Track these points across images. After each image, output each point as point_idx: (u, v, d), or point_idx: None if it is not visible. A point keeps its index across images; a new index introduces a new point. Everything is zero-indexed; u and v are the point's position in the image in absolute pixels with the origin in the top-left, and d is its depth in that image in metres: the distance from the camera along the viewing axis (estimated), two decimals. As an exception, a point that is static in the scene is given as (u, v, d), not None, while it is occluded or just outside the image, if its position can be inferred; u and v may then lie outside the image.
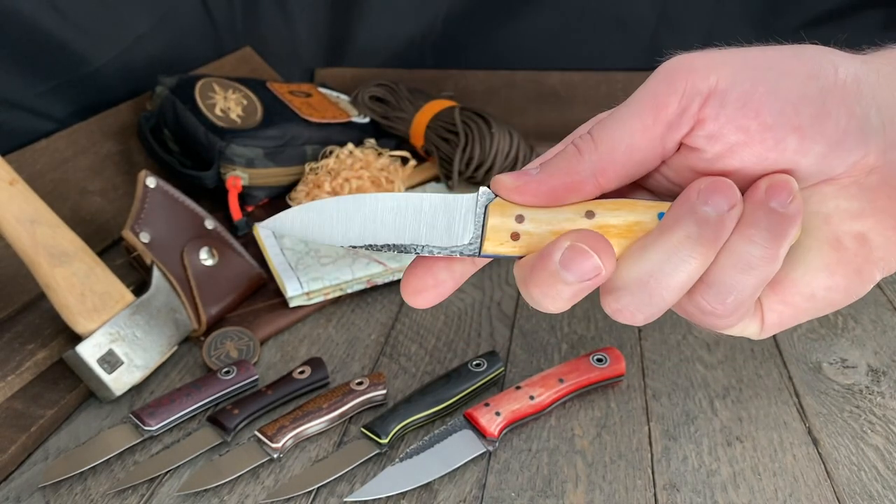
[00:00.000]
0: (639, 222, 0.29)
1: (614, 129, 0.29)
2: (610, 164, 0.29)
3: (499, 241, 0.30)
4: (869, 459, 0.51)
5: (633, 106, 0.29)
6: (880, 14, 1.01)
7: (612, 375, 0.58)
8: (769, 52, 0.28)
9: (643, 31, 1.07)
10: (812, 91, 0.27)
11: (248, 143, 0.82)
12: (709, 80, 0.27)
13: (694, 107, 0.27)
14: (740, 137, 0.27)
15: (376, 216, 0.30)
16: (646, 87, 0.29)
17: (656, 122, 0.28)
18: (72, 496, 0.50)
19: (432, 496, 0.49)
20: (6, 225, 0.56)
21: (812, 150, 0.27)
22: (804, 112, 0.27)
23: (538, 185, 0.29)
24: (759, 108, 0.27)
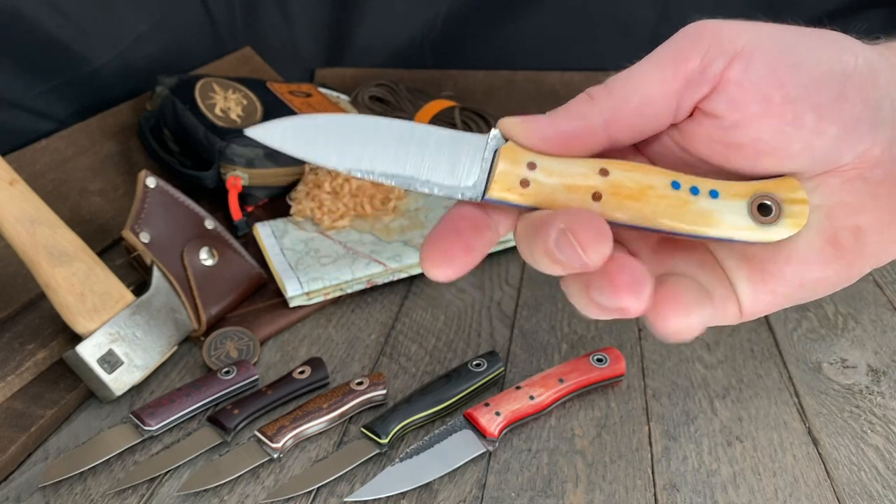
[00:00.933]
0: (652, 186, 0.28)
1: (630, 78, 0.28)
2: (621, 114, 0.28)
3: (506, 187, 0.28)
4: (869, 459, 0.51)
5: (653, 58, 0.28)
6: (880, 14, 1.01)
7: (612, 375, 0.58)
8: (796, 30, 0.28)
9: (643, 31, 1.07)
10: (834, 72, 0.27)
11: (248, 143, 0.82)
12: (736, 42, 0.27)
13: (718, 66, 0.27)
14: (761, 107, 0.27)
15: (378, 141, 0.28)
16: (669, 42, 0.28)
17: (676, 75, 0.27)
18: (72, 496, 0.50)
19: (432, 496, 0.49)
20: (6, 225, 0.56)
21: (827, 130, 0.27)
22: (825, 91, 0.27)
23: (546, 128, 0.28)
24: (785, 79, 0.27)
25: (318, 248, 0.75)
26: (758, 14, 0.98)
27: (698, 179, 0.29)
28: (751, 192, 0.29)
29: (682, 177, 0.29)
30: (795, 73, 0.27)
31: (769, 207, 0.29)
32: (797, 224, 0.29)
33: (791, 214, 0.29)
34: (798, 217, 0.29)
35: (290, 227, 0.79)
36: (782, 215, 0.29)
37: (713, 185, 0.29)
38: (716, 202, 0.29)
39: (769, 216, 0.29)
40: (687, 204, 0.28)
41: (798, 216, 0.29)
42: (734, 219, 0.29)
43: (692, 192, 0.29)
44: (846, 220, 0.29)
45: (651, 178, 0.28)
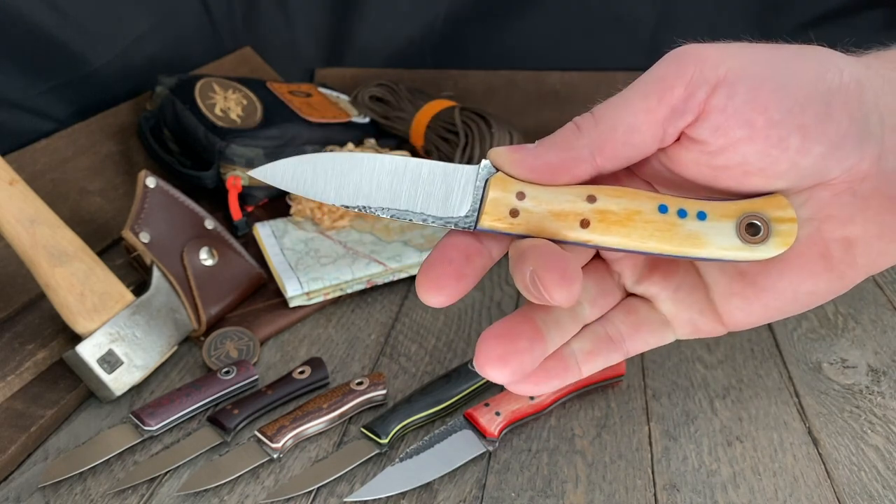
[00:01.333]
0: (639, 212, 0.29)
1: (616, 108, 0.28)
2: (608, 143, 0.28)
3: (497, 217, 0.29)
4: (869, 459, 0.51)
5: (638, 87, 0.28)
6: (880, 14, 1.01)
7: (612, 375, 0.58)
8: (778, 50, 0.28)
9: (643, 31, 1.07)
10: (818, 92, 0.27)
11: (248, 143, 0.82)
12: (719, 69, 0.27)
13: (701, 94, 0.27)
14: (745, 132, 0.27)
15: (373, 177, 0.29)
16: (653, 70, 0.28)
17: (660, 104, 0.28)
18: (72, 496, 0.50)
19: (432, 496, 0.49)
20: (6, 225, 0.56)
21: (812, 150, 0.28)
22: (809, 111, 0.27)
23: (534, 159, 0.29)
24: (768, 103, 0.27)
25: (318, 248, 0.75)
26: (758, 14, 0.97)
27: (686, 201, 0.29)
28: (739, 212, 0.29)
29: (670, 199, 0.29)
30: (778, 97, 0.27)
31: (758, 227, 0.29)
32: (785, 243, 0.29)
33: (779, 233, 0.29)
34: (786, 236, 0.29)
35: (290, 227, 0.79)
36: (771, 234, 0.29)
37: (701, 207, 0.29)
38: (704, 224, 0.29)
39: (757, 236, 0.29)
40: (675, 227, 0.29)
41: (786, 235, 0.29)
42: (722, 240, 0.29)
43: (680, 216, 0.29)
44: (836, 233, 0.30)
45: (638, 204, 0.29)
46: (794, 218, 0.29)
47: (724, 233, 0.29)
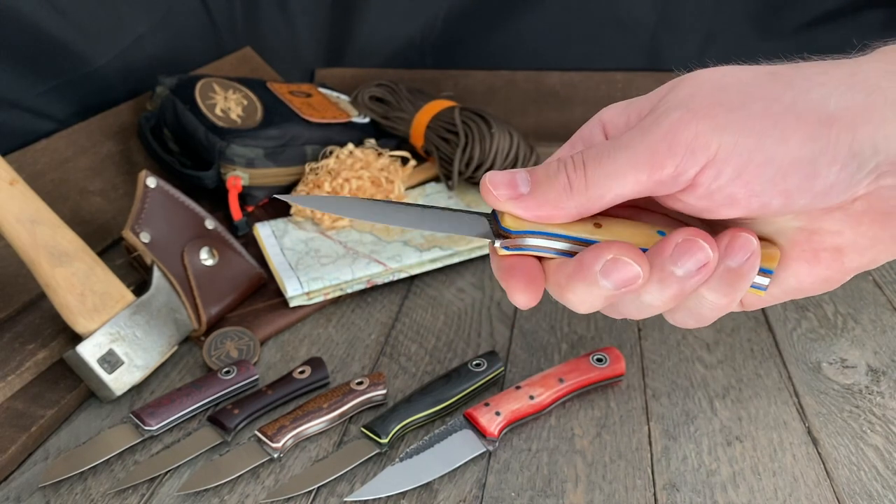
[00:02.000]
0: (641, 236, 0.31)
1: (607, 173, 0.29)
2: (596, 205, 0.30)
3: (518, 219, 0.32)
4: (868, 459, 0.51)
5: (629, 152, 0.29)
6: (880, 14, 1.01)
7: (612, 375, 0.58)
8: (774, 107, 0.28)
9: (643, 31, 1.07)
10: (806, 154, 0.28)
11: (249, 144, 0.82)
12: (710, 148, 0.28)
13: (689, 174, 0.29)
14: (728, 203, 0.29)
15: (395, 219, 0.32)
16: (646, 136, 0.29)
17: (650, 179, 0.29)
18: (72, 496, 0.50)
19: (432, 496, 0.49)
20: (6, 225, 0.56)
21: (796, 204, 0.29)
22: (793, 178, 0.28)
23: (524, 211, 0.31)
24: (751, 179, 0.28)
25: (319, 248, 0.75)
26: (757, 15, 0.96)
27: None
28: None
29: (667, 225, 0.32)
30: (761, 172, 0.28)
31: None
32: (772, 253, 0.31)
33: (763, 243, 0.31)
34: (769, 259, 0.31)
35: (290, 227, 0.79)
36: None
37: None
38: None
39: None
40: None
41: (769, 257, 0.31)
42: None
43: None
44: (826, 243, 0.31)
45: (639, 230, 0.32)
46: (775, 244, 0.31)
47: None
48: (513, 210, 0.31)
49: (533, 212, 0.31)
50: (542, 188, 0.30)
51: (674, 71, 0.33)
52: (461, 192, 0.86)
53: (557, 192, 0.30)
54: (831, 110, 0.28)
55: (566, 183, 0.30)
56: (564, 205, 0.30)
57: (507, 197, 0.31)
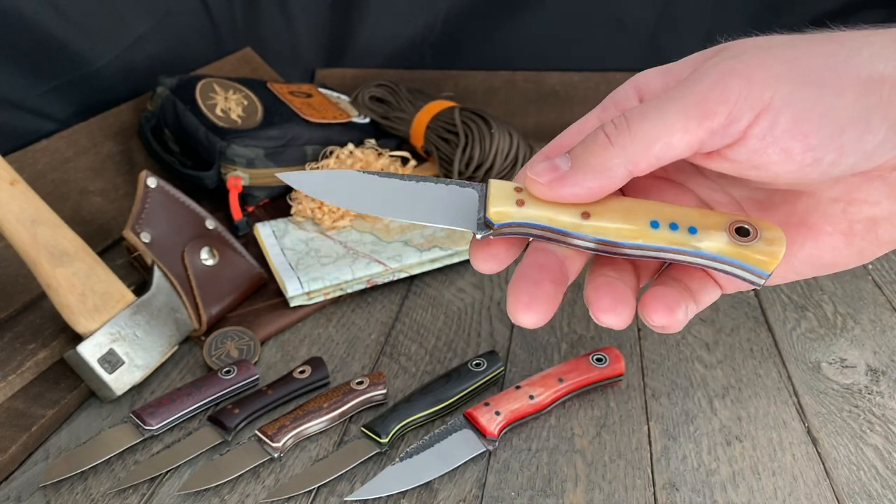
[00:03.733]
0: (630, 229, 0.30)
1: (654, 123, 0.28)
2: (643, 159, 0.28)
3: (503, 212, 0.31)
4: (868, 459, 0.51)
5: (678, 103, 0.28)
6: (880, 14, 1.01)
7: (612, 375, 0.58)
8: (829, 61, 0.27)
9: (643, 31, 1.07)
10: (861, 110, 0.27)
11: (249, 144, 0.82)
12: (764, 94, 0.27)
13: (743, 122, 0.27)
14: (781, 157, 0.27)
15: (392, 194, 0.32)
16: (696, 85, 0.28)
17: (700, 127, 0.27)
18: (72, 496, 0.50)
19: (432, 496, 0.49)
20: (7, 225, 0.56)
21: (845, 162, 0.28)
22: (849, 132, 0.27)
23: (573, 187, 0.29)
24: (808, 132, 0.27)
25: (319, 247, 0.75)
26: (757, 14, 0.97)
27: (677, 213, 0.30)
28: (728, 220, 0.30)
29: (661, 212, 0.30)
30: (820, 124, 0.27)
31: (746, 230, 0.30)
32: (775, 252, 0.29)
33: (767, 239, 0.29)
34: (774, 243, 0.29)
35: (290, 227, 0.79)
36: (759, 237, 0.30)
37: (691, 221, 0.30)
38: (694, 236, 0.30)
39: (747, 237, 0.30)
40: (665, 238, 0.30)
41: (774, 242, 0.29)
42: (712, 244, 0.30)
43: (671, 229, 0.30)
44: (862, 214, 0.30)
45: (630, 217, 0.30)
46: (778, 229, 0.30)
47: (715, 237, 0.30)
48: (562, 193, 0.29)
49: (581, 185, 0.29)
50: (583, 157, 0.29)
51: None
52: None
53: (599, 154, 0.28)
54: (881, 70, 0.27)
55: (605, 141, 0.28)
56: (610, 165, 0.28)
57: (550, 180, 0.29)
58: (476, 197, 0.31)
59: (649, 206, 0.30)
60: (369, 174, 0.32)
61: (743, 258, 0.30)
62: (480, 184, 0.32)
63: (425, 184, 0.32)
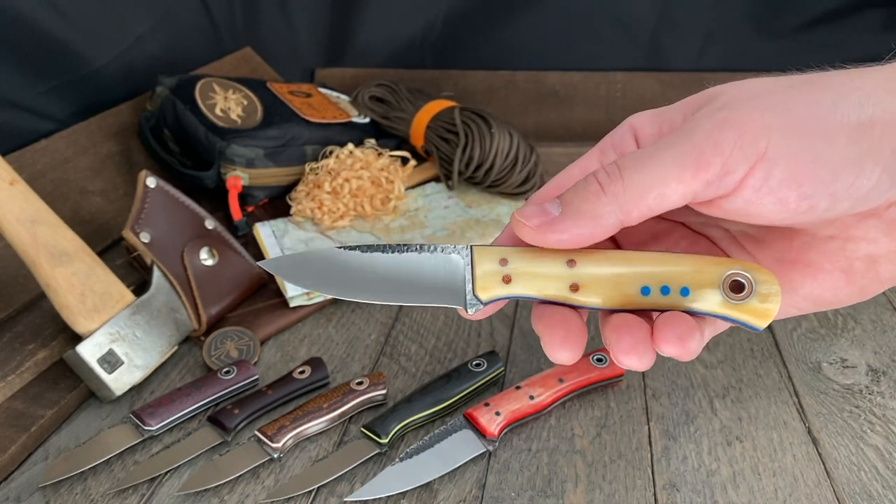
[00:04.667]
0: (621, 294, 0.30)
1: (648, 173, 0.27)
2: (636, 208, 0.28)
3: (490, 289, 0.31)
4: (869, 459, 0.51)
5: (671, 152, 0.27)
6: (880, 14, 1.01)
7: (612, 375, 0.58)
8: (817, 108, 0.27)
9: (643, 31, 1.07)
10: (853, 155, 0.27)
11: (249, 144, 0.82)
12: (758, 145, 0.26)
13: (738, 174, 0.27)
14: (776, 207, 0.27)
15: (373, 276, 0.31)
16: (690, 135, 0.27)
17: (694, 178, 0.27)
18: (72, 496, 0.50)
19: (432, 496, 0.49)
20: (6, 225, 0.56)
21: (840, 206, 0.27)
22: (842, 179, 0.27)
23: (561, 233, 0.29)
24: (803, 180, 0.27)
25: (319, 248, 0.75)
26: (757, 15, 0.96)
27: (668, 272, 0.30)
28: (724, 271, 0.29)
29: (652, 275, 0.30)
30: (814, 172, 0.27)
31: (741, 284, 0.29)
32: (768, 311, 0.29)
33: (762, 295, 0.29)
34: (768, 299, 0.29)
35: (290, 227, 0.79)
36: (754, 293, 0.29)
37: (683, 280, 0.29)
38: (687, 298, 0.30)
39: (741, 293, 0.29)
40: (657, 303, 0.30)
41: (769, 297, 0.29)
42: (706, 303, 0.30)
43: (663, 293, 0.30)
44: (860, 251, 0.30)
45: (620, 289, 0.30)
46: (775, 282, 0.29)
47: (708, 298, 0.30)
48: (550, 239, 0.29)
49: (570, 232, 0.28)
50: (574, 203, 0.28)
51: (674, 71, 0.33)
52: (461, 191, 0.86)
53: (591, 202, 0.28)
54: (870, 113, 0.27)
55: (598, 188, 0.28)
56: (601, 212, 0.28)
57: (539, 224, 0.29)
58: (461, 265, 0.31)
59: (638, 266, 0.30)
60: (349, 250, 0.31)
61: (736, 316, 0.29)
62: (464, 247, 0.31)
63: (408, 254, 0.31)
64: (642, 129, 0.32)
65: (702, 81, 0.34)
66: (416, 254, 0.31)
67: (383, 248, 0.31)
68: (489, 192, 0.86)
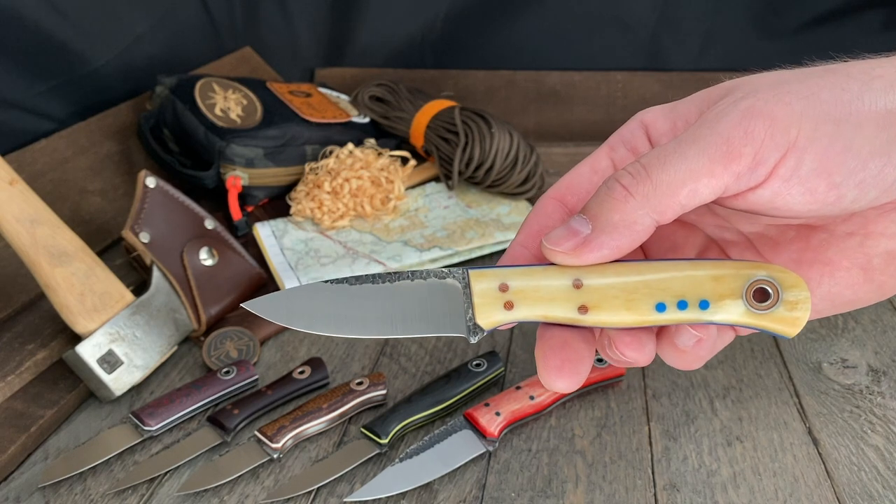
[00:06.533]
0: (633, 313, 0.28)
1: (677, 169, 0.26)
2: (669, 207, 0.27)
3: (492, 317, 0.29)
4: (869, 459, 0.51)
5: (699, 145, 0.26)
6: (880, 14, 1.01)
7: (612, 375, 0.58)
8: (843, 96, 0.27)
9: (643, 31, 1.07)
10: (880, 143, 0.26)
11: (248, 143, 0.82)
12: (790, 132, 0.26)
13: (769, 163, 0.26)
14: (805, 197, 0.27)
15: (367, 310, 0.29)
16: (717, 125, 0.26)
17: (726, 171, 0.26)
18: (72, 496, 0.50)
19: (432, 496, 0.49)
20: (6, 225, 0.56)
21: (866, 197, 0.27)
22: (870, 168, 0.26)
23: (599, 250, 0.27)
24: (832, 169, 0.26)
25: (318, 248, 0.75)
26: (757, 15, 0.96)
27: (685, 284, 0.28)
28: (746, 278, 0.28)
29: (668, 289, 0.28)
30: (843, 160, 0.26)
31: (767, 292, 0.28)
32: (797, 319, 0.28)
33: (789, 302, 0.28)
34: (797, 308, 0.28)
35: (290, 227, 0.79)
36: (781, 300, 0.28)
37: (702, 293, 0.28)
38: (706, 312, 0.28)
39: (766, 302, 0.28)
40: (674, 319, 0.28)
41: (798, 304, 0.28)
42: (728, 317, 0.28)
43: (680, 308, 0.28)
44: (879, 247, 0.29)
45: (633, 307, 0.28)
46: (803, 286, 0.28)
47: (731, 309, 0.28)
48: (590, 258, 0.27)
49: (608, 246, 0.27)
50: (603, 215, 0.27)
51: (674, 71, 0.33)
52: (461, 191, 0.86)
53: (620, 209, 0.27)
54: (895, 101, 0.27)
55: (624, 193, 0.27)
56: (634, 217, 0.27)
57: (573, 247, 0.27)
58: (459, 289, 0.29)
59: (651, 277, 0.28)
60: (339, 284, 0.29)
61: (763, 326, 0.28)
62: (461, 271, 0.29)
63: (402, 283, 0.29)
64: (654, 125, 0.31)
65: (702, 81, 0.33)
66: (409, 281, 0.29)
67: (373, 278, 0.29)
68: (489, 192, 0.86)
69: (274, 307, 0.29)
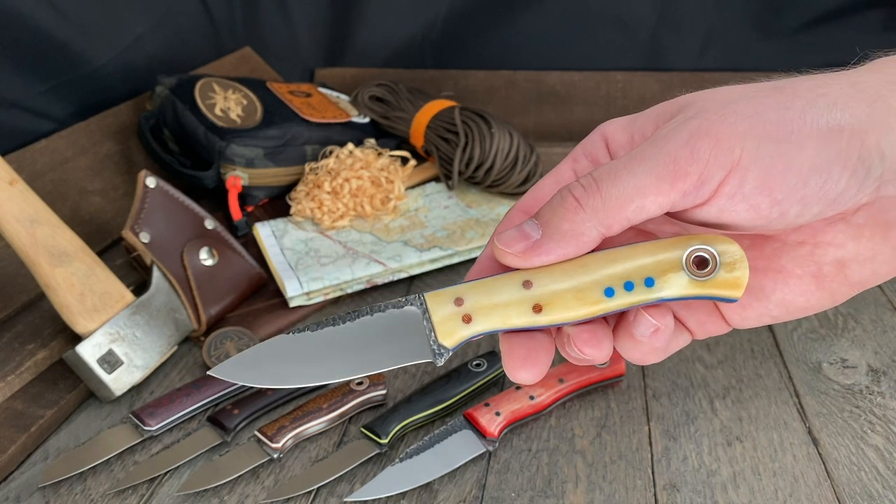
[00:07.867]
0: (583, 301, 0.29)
1: (626, 185, 0.28)
2: (616, 221, 0.28)
3: (453, 334, 0.30)
4: (869, 459, 0.51)
5: (649, 163, 0.28)
6: (880, 14, 1.01)
7: (612, 375, 0.58)
8: (787, 114, 0.28)
9: (643, 31, 1.07)
10: (822, 161, 0.27)
11: (248, 143, 0.82)
12: (733, 153, 0.27)
13: (714, 182, 0.27)
14: (749, 214, 0.28)
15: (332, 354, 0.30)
16: (666, 145, 0.28)
17: (672, 189, 0.27)
18: (72, 496, 0.50)
19: (432, 496, 0.49)
20: (6, 225, 0.56)
21: (810, 212, 0.28)
22: (812, 184, 0.27)
23: (546, 255, 0.29)
24: (774, 187, 0.27)
25: (318, 248, 0.75)
26: (757, 14, 0.96)
27: (629, 266, 0.29)
28: (685, 247, 0.29)
29: (613, 274, 0.29)
30: (784, 178, 0.27)
31: (706, 259, 0.29)
32: (738, 281, 0.29)
33: (727, 265, 0.29)
34: (735, 267, 0.29)
35: (290, 227, 0.79)
36: (719, 266, 0.29)
37: (646, 271, 0.29)
38: (652, 289, 0.29)
39: (706, 269, 0.29)
40: (624, 302, 0.29)
41: (734, 266, 0.29)
42: (673, 288, 0.29)
43: (627, 290, 0.29)
44: (829, 256, 0.30)
45: (583, 296, 0.29)
46: (736, 246, 0.29)
47: (675, 282, 0.29)
48: (536, 262, 0.29)
49: (555, 252, 0.29)
50: (553, 223, 0.29)
51: (674, 71, 0.33)
52: (461, 191, 0.86)
53: (570, 219, 0.28)
54: (838, 119, 0.27)
55: (575, 204, 0.28)
56: (582, 229, 0.28)
57: (523, 250, 0.29)
58: (418, 315, 0.30)
59: (595, 267, 0.29)
60: (301, 333, 0.30)
61: (708, 293, 0.29)
62: (416, 296, 0.30)
63: (362, 319, 0.30)
64: (613, 138, 0.32)
65: (702, 81, 0.34)
66: (370, 316, 0.30)
67: (333, 320, 0.30)
68: (489, 192, 0.86)
69: (241, 370, 0.29)
